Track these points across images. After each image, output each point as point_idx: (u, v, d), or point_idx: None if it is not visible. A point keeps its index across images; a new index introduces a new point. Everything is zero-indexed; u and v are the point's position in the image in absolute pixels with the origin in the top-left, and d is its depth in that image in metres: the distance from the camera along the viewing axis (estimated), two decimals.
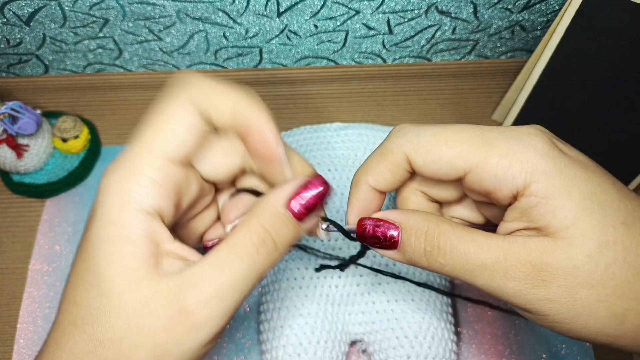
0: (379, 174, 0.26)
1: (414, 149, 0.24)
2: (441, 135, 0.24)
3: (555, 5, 0.45)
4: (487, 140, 0.23)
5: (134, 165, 0.23)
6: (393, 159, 0.25)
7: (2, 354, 0.41)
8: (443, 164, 0.24)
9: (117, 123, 0.51)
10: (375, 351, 0.37)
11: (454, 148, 0.23)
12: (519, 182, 0.22)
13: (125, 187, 0.22)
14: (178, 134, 0.23)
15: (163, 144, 0.23)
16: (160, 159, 0.22)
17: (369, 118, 0.51)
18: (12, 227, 0.46)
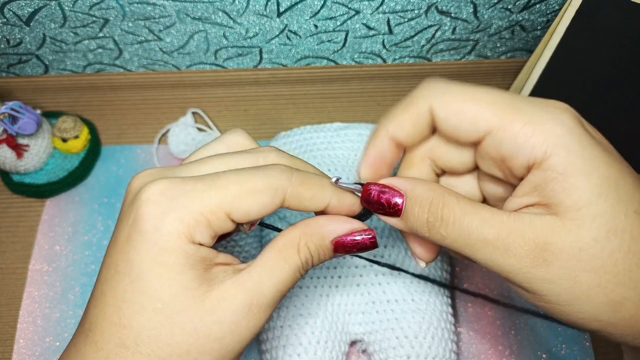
0: (399, 123, 0.25)
1: (439, 100, 0.24)
2: (469, 92, 0.23)
3: (555, 5, 0.45)
4: (515, 105, 0.23)
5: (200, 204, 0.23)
6: (417, 109, 0.24)
7: (2, 354, 0.41)
8: (465, 120, 0.23)
9: (117, 123, 0.51)
10: (375, 351, 0.37)
11: (479, 105, 0.23)
12: (539, 152, 0.22)
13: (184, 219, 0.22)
14: (252, 210, 0.24)
15: (235, 209, 0.23)
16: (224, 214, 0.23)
17: (369, 118, 0.51)
18: (12, 227, 0.46)
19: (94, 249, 0.45)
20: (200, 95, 0.52)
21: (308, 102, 0.52)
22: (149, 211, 0.22)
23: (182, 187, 0.23)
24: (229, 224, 0.24)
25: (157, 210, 0.22)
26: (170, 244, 0.22)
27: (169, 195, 0.23)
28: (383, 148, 0.26)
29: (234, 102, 0.52)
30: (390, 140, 0.26)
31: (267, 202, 0.24)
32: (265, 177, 0.24)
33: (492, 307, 0.42)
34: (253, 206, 0.23)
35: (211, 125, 0.50)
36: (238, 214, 0.23)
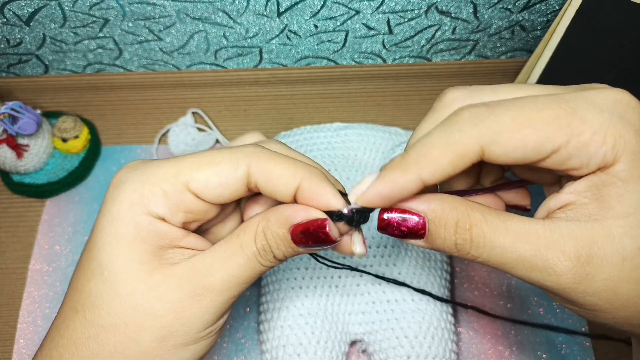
0: (439, 168, 0.21)
1: (494, 139, 0.20)
2: (523, 116, 0.20)
3: (555, 5, 0.45)
4: (578, 115, 0.20)
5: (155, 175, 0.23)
6: (463, 152, 0.21)
7: (2, 354, 0.41)
8: (528, 150, 0.20)
9: (117, 123, 0.51)
10: (375, 351, 0.37)
11: (541, 130, 0.20)
12: (609, 159, 0.20)
13: (139, 190, 0.23)
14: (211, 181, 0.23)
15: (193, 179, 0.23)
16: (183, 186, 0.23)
17: (369, 118, 0.51)
18: (12, 227, 0.46)
19: None
20: (200, 95, 0.52)
21: (308, 102, 0.52)
22: (111, 185, 0.23)
23: (145, 163, 0.24)
24: (191, 199, 0.23)
25: (117, 184, 0.23)
26: (122, 213, 0.23)
27: (130, 169, 0.24)
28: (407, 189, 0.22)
29: (234, 102, 0.52)
30: (420, 183, 0.22)
31: (227, 174, 0.23)
32: (227, 152, 0.24)
33: (492, 307, 0.42)
34: (212, 177, 0.23)
35: (211, 125, 0.50)
36: (197, 185, 0.23)
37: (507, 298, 0.42)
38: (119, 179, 0.24)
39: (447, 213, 0.22)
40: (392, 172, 0.22)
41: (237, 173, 0.23)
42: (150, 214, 0.23)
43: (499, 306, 0.42)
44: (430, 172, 0.21)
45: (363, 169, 0.43)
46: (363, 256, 0.25)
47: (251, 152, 0.23)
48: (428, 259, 0.40)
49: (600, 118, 0.20)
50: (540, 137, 0.20)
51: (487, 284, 0.43)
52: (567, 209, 0.21)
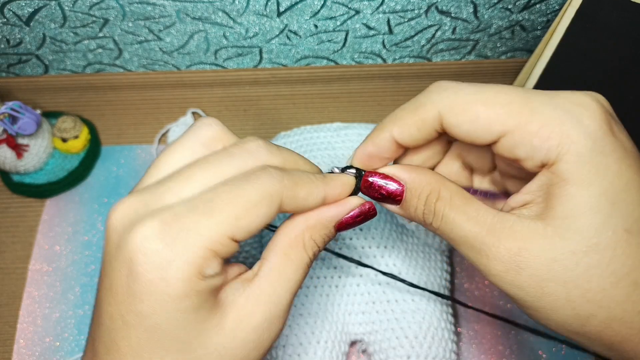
0: (404, 127, 0.24)
1: (449, 106, 0.23)
2: (481, 94, 0.22)
3: (555, 5, 0.45)
4: (530, 106, 0.22)
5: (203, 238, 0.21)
6: (425, 115, 0.24)
7: (2, 354, 0.41)
8: (478, 125, 0.22)
9: (117, 123, 0.51)
10: (375, 351, 0.37)
11: (493, 109, 0.22)
12: (552, 155, 0.21)
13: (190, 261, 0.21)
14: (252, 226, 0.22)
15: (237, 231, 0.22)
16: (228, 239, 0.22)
17: (369, 118, 0.51)
18: (12, 227, 0.46)
19: (94, 249, 0.45)
20: (200, 95, 0.52)
21: (308, 102, 0.52)
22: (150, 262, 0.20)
23: (179, 225, 0.21)
24: (234, 246, 0.22)
25: (160, 260, 0.20)
26: (182, 290, 0.21)
27: (167, 239, 0.20)
28: (383, 145, 0.25)
29: (234, 102, 0.52)
30: (392, 141, 0.25)
31: (266, 213, 0.22)
32: (258, 186, 0.22)
33: (492, 307, 0.42)
34: (254, 221, 0.22)
35: None
36: (241, 234, 0.22)
37: (507, 298, 0.42)
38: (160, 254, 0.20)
39: (423, 185, 0.24)
40: (370, 134, 0.26)
41: (273, 209, 0.23)
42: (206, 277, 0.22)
43: (499, 306, 0.42)
44: (398, 131, 0.25)
45: None
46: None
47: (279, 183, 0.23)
48: (428, 259, 0.40)
49: (551, 114, 0.21)
50: (490, 115, 0.22)
51: (488, 283, 0.43)
52: (523, 208, 0.23)
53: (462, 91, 0.23)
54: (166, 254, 0.20)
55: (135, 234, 0.20)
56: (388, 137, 0.25)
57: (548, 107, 0.21)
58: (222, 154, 0.24)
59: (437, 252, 0.41)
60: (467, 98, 0.23)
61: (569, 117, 0.21)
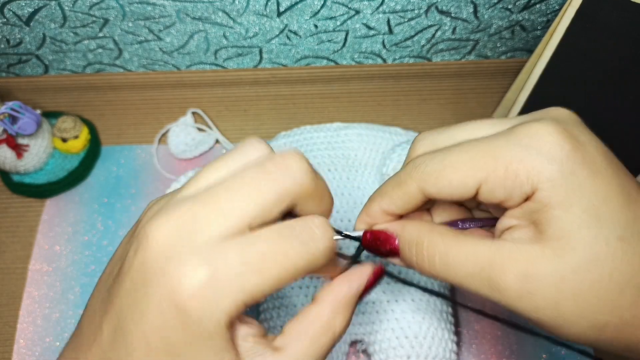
0: (391, 200, 0.26)
1: (424, 180, 0.25)
2: (447, 160, 0.24)
3: (555, 5, 0.45)
4: (491, 153, 0.23)
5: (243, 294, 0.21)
6: (407, 190, 0.25)
7: (2, 354, 0.41)
8: (454, 188, 0.24)
9: (117, 123, 0.51)
10: (375, 351, 0.37)
11: (460, 170, 0.24)
12: (527, 189, 0.22)
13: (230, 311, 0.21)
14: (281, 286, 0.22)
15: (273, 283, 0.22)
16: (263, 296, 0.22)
17: (369, 118, 0.51)
18: (12, 227, 0.46)
19: (94, 249, 0.45)
20: (200, 95, 0.52)
21: (308, 102, 0.52)
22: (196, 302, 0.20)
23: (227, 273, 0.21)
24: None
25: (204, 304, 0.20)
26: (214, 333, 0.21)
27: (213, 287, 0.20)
28: (376, 216, 0.27)
29: (234, 102, 0.52)
30: (383, 212, 0.27)
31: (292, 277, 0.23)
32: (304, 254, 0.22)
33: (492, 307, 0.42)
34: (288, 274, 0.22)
35: (211, 125, 0.50)
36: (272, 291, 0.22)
37: None
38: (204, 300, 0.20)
39: (411, 234, 0.26)
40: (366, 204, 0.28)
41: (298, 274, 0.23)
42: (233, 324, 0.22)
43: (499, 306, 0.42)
44: (386, 204, 0.26)
45: (363, 169, 0.43)
46: None
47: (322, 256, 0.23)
48: None
49: (510, 154, 0.23)
50: (460, 175, 0.23)
51: None
52: (512, 231, 0.24)
53: (431, 161, 0.25)
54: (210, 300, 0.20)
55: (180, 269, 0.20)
56: (377, 209, 0.27)
57: (506, 149, 0.23)
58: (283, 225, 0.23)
59: None
60: (436, 167, 0.24)
61: (527, 151, 0.22)
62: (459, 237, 0.24)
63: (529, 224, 0.23)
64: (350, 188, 0.42)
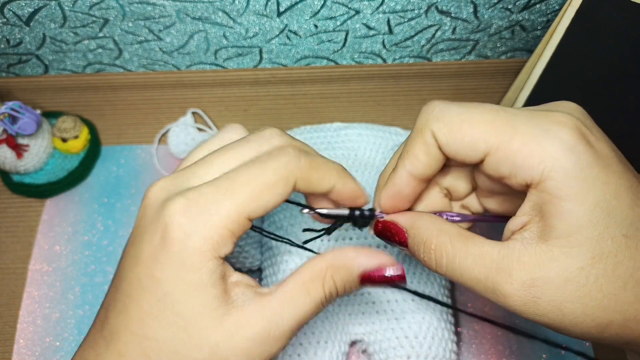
0: (413, 157, 0.25)
1: (438, 126, 0.24)
2: (466, 114, 0.23)
3: (555, 5, 0.45)
4: (512, 124, 0.22)
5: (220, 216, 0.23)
6: (424, 138, 0.24)
7: (2, 354, 0.41)
8: (465, 144, 0.23)
9: (117, 123, 0.51)
10: (375, 351, 0.37)
11: (477, 128, 0.23)
12: (535, 174, 0.22)
13: (208, 237, 0.23)
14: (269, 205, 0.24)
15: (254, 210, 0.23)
16: (244, 219, 0.23)
17: (369, 118, 0.51)
18: (12, 227, 0.46)
19: (94, 249, 0.45)
20: (200, 95, 0.52)
21: (308, 102, 0.52)
22: (176, 231, 0.22)
23: (202, 201, 0.23)
24: (249, 225, 0.24)
25: (183, 231, 0.22)
26: (197, 262, 0.22)
27: (192, 213, 0.23)
28: (402, 184, 0.26)
29: (234, 102, 0.52)
30: (409, 176, 0.25)
31: (282, 193, 0.24)
32: (276, 167, 0.24)
33: (492, 307, 0.42)
34: (270, 201, 0.24)
35: (211, 125, 0.50)
36: (256, 213, 0.23)
37: None
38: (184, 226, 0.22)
39: (419, 231, 0.25)
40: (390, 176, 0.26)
41: (288, 188, 0.24)
42: (219, 257, 0.23)
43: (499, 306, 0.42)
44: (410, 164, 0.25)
45: (363, 169, 0.43)
46: None
47: (296, 166, 0.24)
48: None
49: (531, 132, 0.22)
50: (475, 133, 0.23)
51: None
52: (523, 231, 0.23)
53: (448, 110, 0.24)
54: (188, 227, 0.22)
55: (167, 208, 0.23)
56: (404, 174, 0.25)
57: (528, 126, 0.22)
58: (240, 141, 0.26)
59: None
60: (453, 118, 0.23)
61: (547, 135, 0.22)
62: (468, 239, 0.24)
63: (539, 221, 0.22)
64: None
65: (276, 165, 0.24)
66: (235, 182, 0.23)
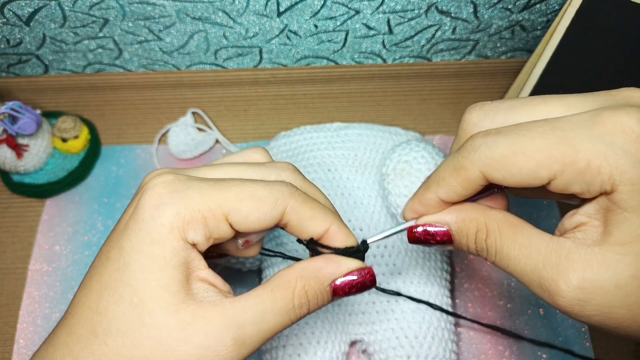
0: (450, 188, 0.25)
1: (489, 165, 0.23)
2: (517, 145, 0.22)
3: (555, 5, 0.45)
4: (571, 144, 0.21)
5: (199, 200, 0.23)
6: (467, 176, 0.24)
7: (2, 354, 0.41)
8: (524, 176, 0.22)
9: (117, 123, 0.51)
10: (375, 351, 0.37)
11: (534, 159, 0.22)
12: (607, 187, 0.21)
13: (180, 213, 0.22)
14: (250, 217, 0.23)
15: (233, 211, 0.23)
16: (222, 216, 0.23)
17: (369, 118, 0.51)
18: (12, 227, 0.46)
19: (94, 249, 0.45)
20: (200, 95, 0.52)
21: (308, 102, 0.52)
22: (149, 201, 0.22)
23: (186, 182, 0.23)
24: (226, 228, 0.23)
25: (157, 201, 0.22)
26: (162, 235, 0.22)
27: (171, 188, 0.23)
28: (430, 205, 0.26)
29: (234, 102, 0.52)
30: (439, 200, 0.25)
31: (266, 211, 0.23)
32: (269, 188, 0.24)
33: (492, 307, 0.42)
34: (252, 212, 0.23)
35: (211, 125, 0.50)
36: (236, 217, 0.23)
37: (507, 298, 0.42)
38: (159, 198, 0.22)
39: (467, 224, 0.25)
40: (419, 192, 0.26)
41: (275, 212, 0.24)
42: (186, 239, 0.22)
43: (499, 306, 0.42)
44: (444, 192, 0.25)
45: (363, 169, 0.43)
46: None
47: (289, 193, 0.24)
48: (428, 259, 0.40)
49: (593, 148, 0.21)
50: (532, 164, 0.22)
51: (488, 283, 0.43)
52: (577, 230, 0.23)
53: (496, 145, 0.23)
54: (164, 198, 0.22)
55: (151, 180, 0.23)
56: (434, 198, 0.25)
57: (589, 142, 0.21)
58: (254, 164, 0.26)
59: (437, 252, 0.41)
60: (504, 153, 0.22)
61: (613, 149, 0.21)
62: (516, 227, 0.23)
63: (599, 224, 0.22)
64: (350, 188, 0.42)
65: (270, 187, 0.24)
66: (225, 182, 0.24)
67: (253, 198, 0.23)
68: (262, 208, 0.23)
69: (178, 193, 0.23)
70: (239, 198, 0.23)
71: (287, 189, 0.24)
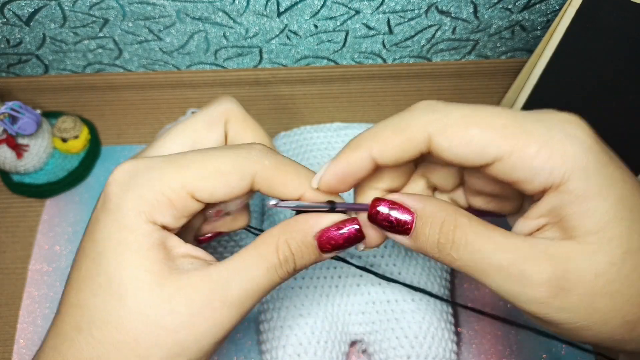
0: (387, 147, 0.23)
1: (441, 129, 0.22)
2: (474, 117, 0.21)
3: (555, 5, 0.45)
4: (525, 128, 0.21)
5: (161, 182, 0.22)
6: (412, 136, 0.22)
7: (2, 354, 0.41)
8: (472, 149, 0.21)
9: (117, 123, 0.51)
10: (375, 351, 0.37)
11: (488, 132, 0.21)
12: (557, 176, 0.21)
13: (144, 196, 0.22)
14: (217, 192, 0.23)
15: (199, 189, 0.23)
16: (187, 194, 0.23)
17: (369, 118, 0.51)
18: (12, 227, 0.46)
19: None
20: (200, 95, 0.52)
21: (308, 102, 0.52)
22: (113, 190, 0.23)
23: (146, 165, 0.23)
24: (194, 204, 0.23)
25: (120, 189, 0.22)
26: (132, 221, 0.22)
27: (132, 174, 0.23)
28: (357, 165, 0.23)
29: None
30: (369, 161, 0.23)
31: (233, 184, 0.23)
32: (234, 158, 0.23)
33: (492, 307, 0.42)
34: (218, 187, 0.23)
35: None
36: (202, 195, 0.23)
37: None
38: (122, 186, 0.22)
39: (435, 212, 0.23)
40: (344, 152, 0.24)
41: (243, 183, 0.23)
42: (155, 222, 0.22)
43: (499, 306, 0.42)
44: (379, 151, 0.23)
45: None
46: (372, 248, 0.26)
47: (257, 160, 0.23)
48: (428, 259, 0.40)
49: (547, 134, 0.21)
50: (484, 138, 0.21)
51: None
52: (541, 232, 0.22)
53: (453, 112, 0.22)
54: (127, 185, 0.22)
55: (115, 171, 0.23)
56: (366, 157, 0.23)
57: (542, 128, 0.21)
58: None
59: None
60: (460, 120, 0.22)
61: (565, 135, 0.21)
62: (487, 225, 0.22)
63: (559, 221, 0.22)
64: None
65: (235, 157, 0.23)
66: (187, 159, 0.23)
67: (217, 173, 0.23)
68: (229, 182, 0.23)
69: (140, 178, 0.22)
70: (202, 176, 0.23)
71: (255, 154, 0.23)
